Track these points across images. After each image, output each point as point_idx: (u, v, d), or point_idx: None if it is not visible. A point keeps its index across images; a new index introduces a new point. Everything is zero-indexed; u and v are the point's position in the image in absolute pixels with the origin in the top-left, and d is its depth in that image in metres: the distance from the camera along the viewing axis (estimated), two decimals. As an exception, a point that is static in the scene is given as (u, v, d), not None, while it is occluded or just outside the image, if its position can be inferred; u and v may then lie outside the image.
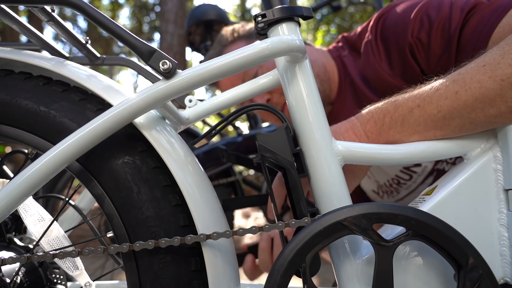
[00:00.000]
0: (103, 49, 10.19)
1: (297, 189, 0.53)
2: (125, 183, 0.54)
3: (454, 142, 0.57)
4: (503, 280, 0.53)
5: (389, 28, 0.90)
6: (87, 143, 0.51)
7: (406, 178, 1.02)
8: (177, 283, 0.53)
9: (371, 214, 0.47)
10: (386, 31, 0.90)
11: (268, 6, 0.58)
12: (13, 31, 5.46)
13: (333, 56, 1.08)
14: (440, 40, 0.80)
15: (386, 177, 1.06)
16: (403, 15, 0.87)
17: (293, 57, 0.56)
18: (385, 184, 1.08)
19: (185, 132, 1.54)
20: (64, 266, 0.61)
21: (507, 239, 0.53)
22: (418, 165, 0.98)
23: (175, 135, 0.58)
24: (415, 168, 0.99)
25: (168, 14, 4.81)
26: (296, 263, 0.46)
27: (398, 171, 1.02)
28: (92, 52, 0.76)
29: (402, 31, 0.85)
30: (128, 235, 0.53)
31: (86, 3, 0.53)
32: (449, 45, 0.79)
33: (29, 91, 0.58)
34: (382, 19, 0.92)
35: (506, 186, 0.54)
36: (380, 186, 1.09)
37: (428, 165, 0.98)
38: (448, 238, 0.46)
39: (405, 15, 0.86)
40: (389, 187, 1.08)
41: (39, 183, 0.52)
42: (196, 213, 0.53)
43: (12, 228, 0.74)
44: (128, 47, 0.53)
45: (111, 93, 0.57)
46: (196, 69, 0.52)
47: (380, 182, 1.09)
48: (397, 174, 1.02)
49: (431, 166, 0.98)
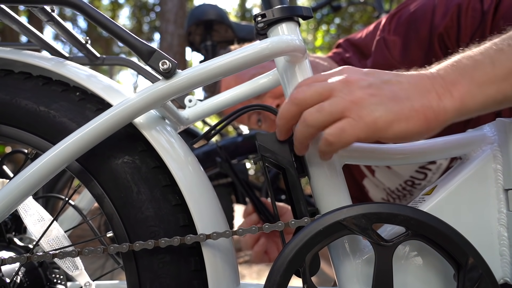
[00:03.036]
0: (103, 49, 10.19)
1: (297, 189, 0.53)
2: (125, 183, 0.54)
3: (454, 141, 0.57)
4: (503, 280, 0.53)
5: (407, 22, 0.89)
6: (86, 143, 0.51)
7: (421, 177, 1.01)
8: (176, 283, 0.53)
9: (371, 214, 0.47)
10: (404, 26, 0.90)
11: (268, 6, 0.58)
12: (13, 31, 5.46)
13: (335, 60, 1.07)
14: (471, 20, 0.78)
15: (399, 181, 1.04)
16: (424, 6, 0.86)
17: (293, 57, 0.56)
18: (397, 189, 1.07)
19: (185, 132, 1.54)
20: (64, 266, 0.61)
21: (507, 239, 0.53)
22: (432, 162, 0.97)
23: (175, 135, 0.58)
24: (430, 166, 0.98)
25: (168, 14, 4.81)
26: (295, 263, 0.46)
27: (413, 172, 1.00)
28: (92, 52, 0.76)
29: (425, 22, 0.85)
30: (128, 235, 0.53)
31: (86, 3, 0.53)
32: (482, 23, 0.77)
33: (29, 91, 0.58)
34: (396, 16, 0.93)
35: (506, 186, 0.54)
36: (392, 192, 1.08)
37: (443, 163, 0.97)
38: (447, 238, 0.46)
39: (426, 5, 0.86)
40: (402, 191, 1.06)
41: (39, 183, 0.52)
42: (196, 213, 0.53)
43: (12, 228, 0.75)
44: (128, 47, 0.53)
45: (111, 93, 0.57)
46: (196, 69, 0.52)
47: (391, 188, 1.07)
48: (412, 175, 1.01)
49: (446, 164, 0.97)
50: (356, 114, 0.45)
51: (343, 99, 0.46)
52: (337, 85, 0.47)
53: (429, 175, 0.99)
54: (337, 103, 0.46)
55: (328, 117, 0.46)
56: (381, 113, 0.45)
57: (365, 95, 0.46)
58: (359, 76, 0.48)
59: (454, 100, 0.47)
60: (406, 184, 1.04)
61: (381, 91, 0.46)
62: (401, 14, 0.92)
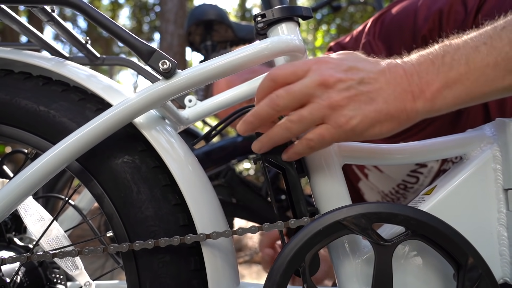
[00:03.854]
0: (103, 49, 10.20)
1: (297, 189, 0.53)
2: (125, 183, 0.54)
3: (453, 141, 0.57)
4: (503, 280, 0.53)
5: (390, 26, 0.89)
6: (86, 143, 0.51)
7: (413, 181, 1.01)
8: (176, 283, 0.53)
9: (371, 213, 0.47)
10: (387, 30, 0.90)
11: (268, 6, 0.58)
12: (13, 31, 5.46)
13: None
14: (453, 23, 0.78)
15: (392, 184, 1.05)
16: (406, 10, 0.86)
17: (292, 57, 0.56)
18: (391, 192, 1.07)
19: (185, 132, 1.54)
20: (64, 265, 0.61)
21: (507, 238, 0.53)
22: (423, 165, 0.98)
23: (174, 135, 0.58)
24: (421, 169, 0.98)
25: (168, 14, 4.80)
26: (295, 263, 0.46)
27: (405, 176, 1.01)
28: (92, 52, 0.76)
29: (408, 25, 0.85)
30: (128, 235, 0.54)
31: (86, 3, 0.53)
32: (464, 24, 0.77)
33: (29, 91, 0.58)
34: (380, 20, 0.93)
35: (505, 186, 0.54)
36: (385, 195, 1.09)
37: (434, 166, 0.97)
38: (447, 237, 0.47)
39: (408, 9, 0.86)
40: (395, 194, 1.07)
41: (39, 183, 0.52)
42: (196, 213, 0.53)
43: (12, 228, 0.75)
44: (128, 47, 0.53)
45: (111, 93, 0.57)
46: (196, 69, 0.52)
47: (385, 191, 1.08)
48: (404, 178, 1.01)
49: (437, 167, 0.97)
50: (334, 121, 0.47)
51: (321, 106, 0.47)
52: (314, 90, 0.48)
53: (421, 179, 1.00)
54: (316, 110, 0.47)
55: (309, 126, 0.48)
56: (358, 121, 0.47)
57: (343, 100, 0.47)
58: (335, 75, 0.48)
59: (426, 101, 0.48)
60: (399, 187, 1.04)
61: (358, 95, 0.47)
62: (385, 17, 0.92)
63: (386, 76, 0.48)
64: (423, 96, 0.48)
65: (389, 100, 0.47)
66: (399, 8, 0.89)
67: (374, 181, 1.06)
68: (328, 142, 0.49)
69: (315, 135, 0.48)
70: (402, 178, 1.01)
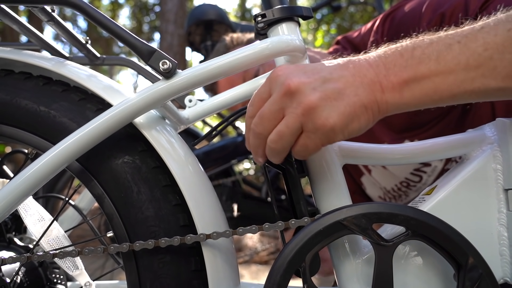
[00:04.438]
0: (103, 49, 10.19)
1: (297, 189, 0.53)
2: (125, 183, 0.54)
3: (454, 141, 0.57)
4: (503, 280, 0.53)
5: (399, 25, 0.89)
6: (87, 143, 0.51)
7: (416, 180, 1.01)
8: (176, 283, 0.53)
9: (371, 214, 0.47)
10: (395, 29, 0.90)
11: (268, 6, 0.58)
12: (13, 31, 5.46)
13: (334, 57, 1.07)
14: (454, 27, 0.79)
15: (394, 181, 1.05)
16: (414, 11, 0.86)
17: (292, 57, 0.56)
18: (393, 189, 1.07)
19: (185, 132, 1.54)
20: (64, 266, 0.61)
21: (507, 238, 0.53)
22: (427, 164, 0.97)
23: (175, 135, 0.58)
24: (425, 168, 0.98)
25: (168, 14, 4.80)
26: (295, 263, 0.46)
27: (408, 174, 1.01)
28: (92, 52, 0.76)
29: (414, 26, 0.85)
30: (128, 235, 0.53)
31: (86, 3, 0.53)
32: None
33: (29, 91, 0.58)
34: (390, 18, 0.92)
35: (505, 186, 0.54)
36: (387, 191, 1.09)
37: (438, 165, 0.97)
38: (448, 237, 0.46)
39: (416, 10, 0.85)
40: (397, 191, 1.07)
41: (39, 183, 0.52)
42: (196, 213, 0.53)
43: (12, 228, 0.75)
44: (128, 47, 0.53)
45: (111, 93, 0.57)
46: (196, 69, 0.52)
47: (387, 188, 1.08)
48: (407, 176, 1.01)
49: (441, 166, 0.97)
50: (312, 126, 0.46)
51: (295, 115, 0.46)
52: (282, 102, 0.47)
53: (425, 178, 0.99)
54: (292, 122, 0.46)
55: (292, 138, 0.47)
56: (335, 119, 0.45)
57: (313, 102, 0.45)
58: (296, 79, 0.47)
59: (394, 93, 0.46)
60: (402, 185, 1.04)
61: (327, 93, 0.46)
62: (394, 15, 0.91)
63: (350, 70, 0.47)
64: (391, 88, 0.46)
65: (359, 92, 0.46)
66: (409, 7, 0.89)
67: (377, 177, 1.06)
68: (313, 149, 0.47)
69: (298, 147, 0.48)
70: (405, 176, 1.01)
